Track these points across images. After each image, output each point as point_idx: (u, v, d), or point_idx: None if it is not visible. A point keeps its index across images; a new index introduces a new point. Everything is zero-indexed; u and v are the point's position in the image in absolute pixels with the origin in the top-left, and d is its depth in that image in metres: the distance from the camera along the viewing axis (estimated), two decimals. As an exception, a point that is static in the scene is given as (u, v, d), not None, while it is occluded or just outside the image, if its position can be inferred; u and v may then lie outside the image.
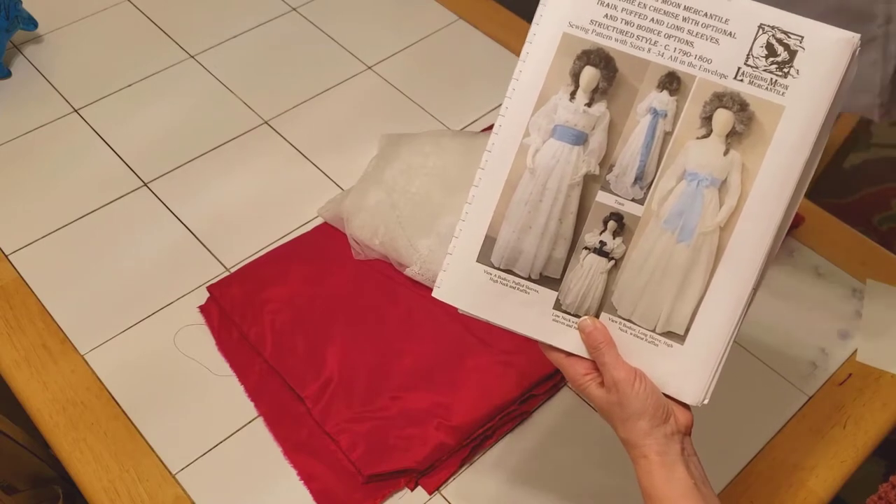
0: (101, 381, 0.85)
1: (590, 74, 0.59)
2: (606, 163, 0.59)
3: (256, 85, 1.16)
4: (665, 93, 0.58)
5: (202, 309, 0.91)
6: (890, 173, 2.02)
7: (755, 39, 0.56)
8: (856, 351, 0.92)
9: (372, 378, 0.85)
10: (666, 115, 0.58)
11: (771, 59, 0.56)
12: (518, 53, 0.61)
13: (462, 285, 0.62)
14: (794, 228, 1.02)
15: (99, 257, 0.96)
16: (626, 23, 0.58)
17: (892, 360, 0.91)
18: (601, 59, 0.58)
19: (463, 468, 0.81)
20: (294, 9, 1.27)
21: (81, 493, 0.80)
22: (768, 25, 0.56)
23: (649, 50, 0.58)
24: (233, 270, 0.94)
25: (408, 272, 0.93)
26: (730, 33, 0.56)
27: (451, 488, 0.80)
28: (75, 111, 1.11)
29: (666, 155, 0.58)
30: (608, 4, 0.58)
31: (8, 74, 1.15)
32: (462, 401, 0.83)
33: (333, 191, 1.03)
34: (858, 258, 1.00)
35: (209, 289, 0.92)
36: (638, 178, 0.59)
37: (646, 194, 0.59)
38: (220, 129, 1.10)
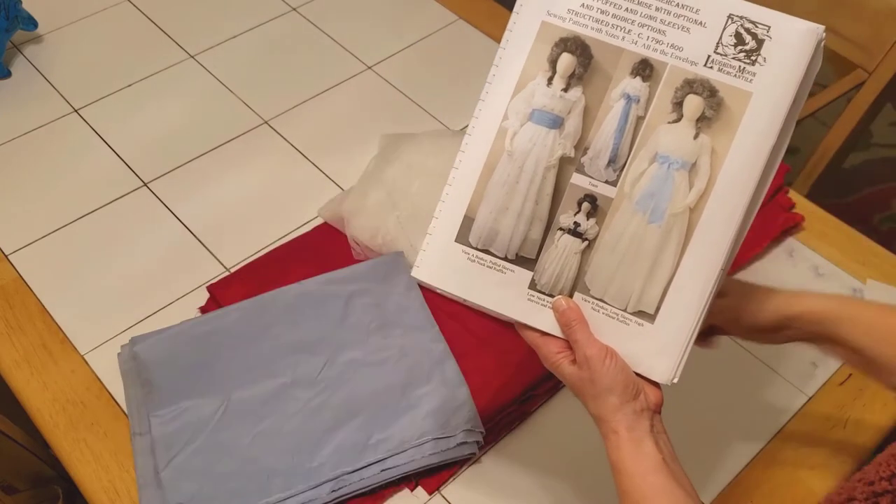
0: (101, 381, 0.85)
1: (566, 61, 0.61)
2: (581, 146, 0.61)
3: (256, 85, 1.16)
4: (638, 79, 0.60)
5: (202, 309, 0.91)
6: (890, 173, 2.02)
7: (724, 29, 0.58)
8: (856, 351, 0.92)
9: (372, 378, 0.85)
10: (639, 101, 0.60)
11: (739, 47, 0.58)
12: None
13: (440, 265, 0.63)
14: (793, 228, 1.02)
15: (99, 257, 0.96)
16: (602, 12, 0.60)
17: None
18: (577, 47, 0.60)
19: (463, 468, 0.81)
20: (294, 9, 1.27)
21: (81, 493, 0.80)
22: (737, 15, 0.58)
23: (623, 38, 0.60)
24: (233, 270, 0.94)
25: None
26: (700, 23, 0.59)
27: (451, 488, 0.80)
28: (75, 111, 1.11)
29: (638, 138, 0.60)
30: None
31: (8, 74, 1.15)
32: (462, 401, 0.83)
33: (333, 191, 1.03)
34: (858, 258, 1.00)
35: (209, 289, 0.92)
36: (611, 161, 0.60)
37: (619, 176, 0.60)
38: (220, 129, 1.10)
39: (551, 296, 0.62)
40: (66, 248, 0.96)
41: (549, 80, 0.61)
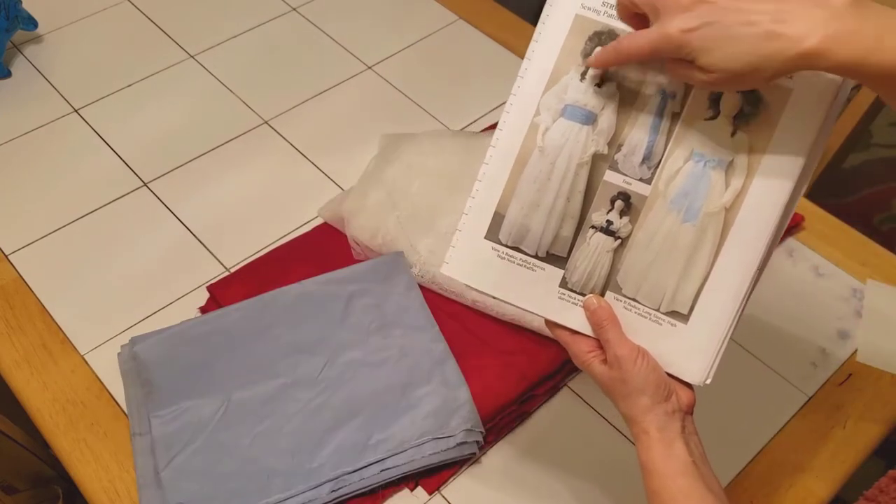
0: (101, 381, 0.85)
1: None
2: (615, 142, 0.59)
3: (256, 85, 1.16)
4: None
5: (202, 309, 0.91)
6: (890, 173, 2.02)
7: None
8: (856, 351, 0.92)
9: (372, 378, 0.85)
10: (675, 96, 0.58)
11: None
12: (519, 53, 0.61)
13: (470, 261, 0.62)
14: (793, 228, 1.02)
15: (99, 257, 0.96)
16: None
17: (892, 361, 0.91)
18: (612, 40, 0.58)
19: (463, 468, 0.81)
20: (294, 9, 1.27)
21: (81, 493, 0.80)
22: None
23: None
24: (233, 270, 0.94)
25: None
26: None
27: (451, 488, 0.80)
28: (75, 111, 1.11)
29: (674, 136, 0.58)
30: None
31: (8, 74, 1.15)
32: (462, 401, 0.83)
33: (333, 191, 1.03)
34: (858, 258, 1.00)
35: (209, 289, 0.92)
36: (646, 158, 0.59)
37: (653, 174, 0.59)
38: (220, 129, 1.10)
39: (582, 294, 0.61)
40: (66, 248, 0.96)
41: (583, 75, 0.59)
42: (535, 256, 0.62)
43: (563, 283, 0.62)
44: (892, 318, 0.94)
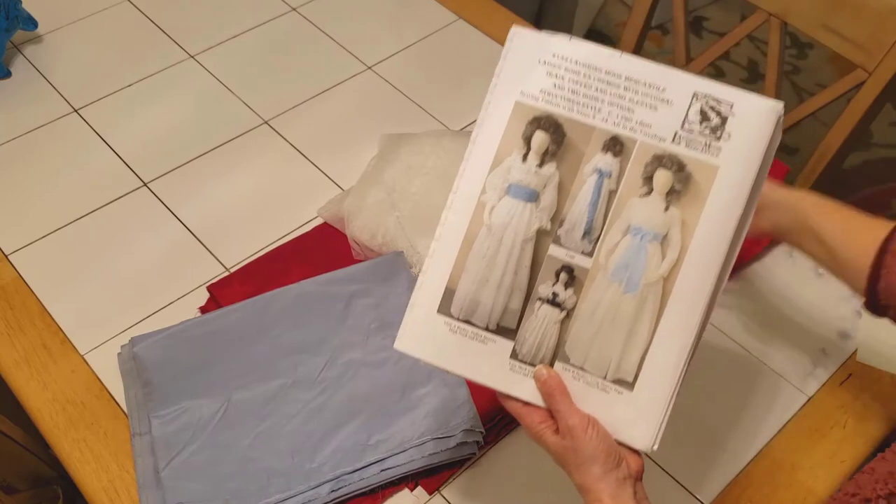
0: (101, 381, 0.85)
1: (540, 138, 0.63)
2: (557, 218, 0.63)
3: (256, 85, 1.16)
4: (609, 154, 0.62)
5: (202, 309, 0.91)
6: (890, 173, 2.03)
7: (690, 106, 0.60)
8: (856, 351, 0.92)
9: (372, 378, 0.85)
10: (610, 175, 0.62)
11: (704, 123, 0.60)
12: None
13: (423, 336, 0.64)
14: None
15: (99, 257, 0.96)
16: (573, 92, 0.62)
17: (892, 361, 0.91)
18: (550, 125, 0.62)
19: (463, 468, 0.81)
20: (294, 9, 1.27)
21: (81, 493, 0.80)
22: (701, 94, 0.60)
23: (594, 116, 0.62)
24: (233, 270, 0.94)
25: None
26: (666, 101, 0.61)
27: (451, 488, 0.80)
28: (75, 111, 1.11)
29: (611, 211, 0.62)
30: (556, 76, 0.62)
31: (8, 74, 1.15)
32: (462, 401, 0.83)
33: (333, 191, 1.03)
34: (858, 258, 1.00)
35: (209, 289, 0.92)
36: (586, 233, 0.62)
37: (594, 248, 0.62)
38: (220, 129, 1.10)
39: (532, 365, 0.63)
40: (66, 248, 0.96)
41: (525, 156, 0.63)
42: (486, 329, 0.63)
43: (514, 355, 0.63)
44: (892, 318, 0.94)
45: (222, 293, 0.91)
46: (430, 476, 0.80)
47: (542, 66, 0.62)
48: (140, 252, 0.96)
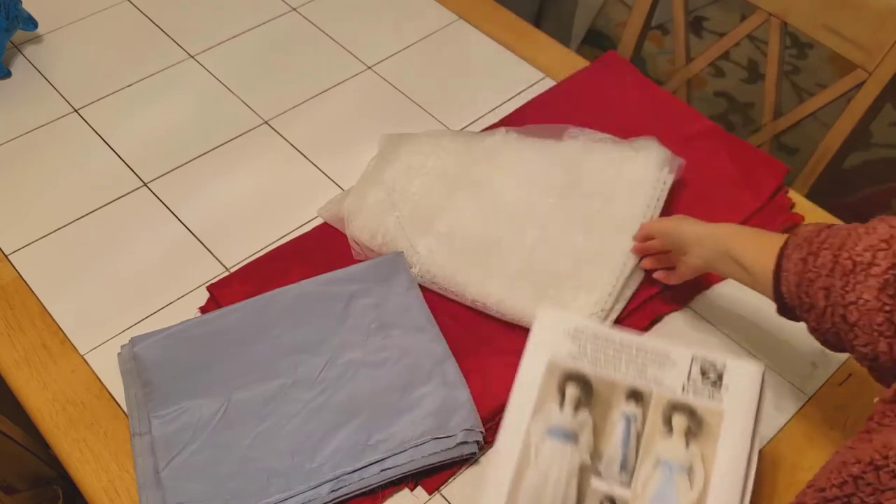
0: (101, 381, 0.85)
1: (572, 391, 0.74)
2: (596, 455, 0.72)
3: (256, 85, 1.16)
4: (632, 402, 0.73)
5: (202, 309, 0.91)
6: (890, 173, 2.02)
7: (691, 366, 0.74)
8: (856, 351, 0.92)
9: (372, 378, 0.85)
10: (636, 419, 0.73)
11: (705, 378, 0.74)
12: (518, 53, 0.61)
13: None
14: (793, 228, 1.01)
15: (99, 257, 0.96)
16: (595, 352, 0.75)
17: (892, 361, 0.90)
18: (580, 379, 0.74)
19: (463, 468, 0.81)
20: (294, 9, 1.27)
21: (81, 493, 0.80)
22: (699, 357, 0.75)
23: (615, 372, 0.75)
24: (233, 270, 0.94)
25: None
26: (672, 362, 0.75)
27: (452, 488, 0.80)
28: (75, 111, 1.11)
29: (641, 449, 0.72)
30: (580, 342, 0.76)
31: (8, 74, 1.15)
32: (462, 401, 0.84)
33: (333, 191, 1.03)
34: (858, 258, 1.00)
35: (209, 289, 0.92)
36: (622, 467, 0.71)
37: (631, 479, 0.71)
38: (220, 129, 1.10)
39: None
40: (66, 248, 0.96)
41: (561, 405, 0.74)
42: None
43: None
44: (892, 318, 0.94)
45: (222, 293, 0.91)
46: (430, 476, 0.80)
47: (568, 335, 0.76)
48: (140, 252, 0.96)
